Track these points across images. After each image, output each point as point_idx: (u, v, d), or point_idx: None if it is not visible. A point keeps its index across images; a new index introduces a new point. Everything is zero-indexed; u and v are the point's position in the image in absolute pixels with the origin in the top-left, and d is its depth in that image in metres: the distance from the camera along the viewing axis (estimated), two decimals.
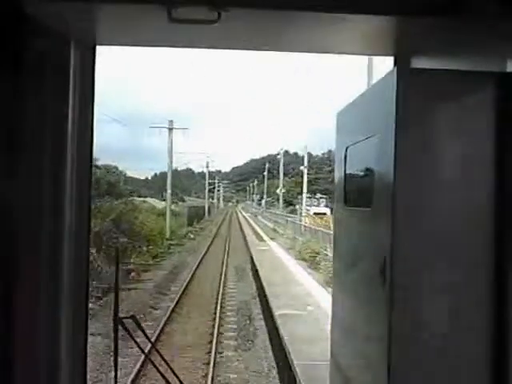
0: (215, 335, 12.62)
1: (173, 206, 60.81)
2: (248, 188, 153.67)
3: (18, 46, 2.59)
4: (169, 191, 41.17)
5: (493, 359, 2.76)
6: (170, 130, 39.30)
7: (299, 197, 78.87)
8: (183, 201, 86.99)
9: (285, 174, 74.56)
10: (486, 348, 2.77)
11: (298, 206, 73.98)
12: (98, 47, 3.00)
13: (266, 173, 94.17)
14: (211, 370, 10.18)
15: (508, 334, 2.70)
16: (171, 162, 40.62)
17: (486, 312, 2.76)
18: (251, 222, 69.71)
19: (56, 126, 2.83)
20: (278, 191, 62.91)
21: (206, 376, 9.99)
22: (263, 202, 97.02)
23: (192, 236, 41.21)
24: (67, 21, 2.81)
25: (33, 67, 2.67)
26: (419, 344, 2.79)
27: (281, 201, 66.38)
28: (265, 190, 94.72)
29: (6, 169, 2.59)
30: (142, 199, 54.22)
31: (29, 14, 2.57)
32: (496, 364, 2.76)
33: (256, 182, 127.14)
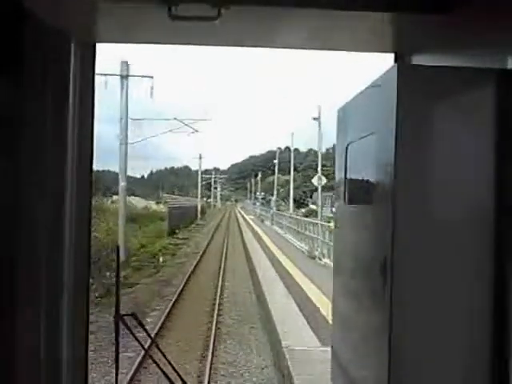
0: None
1: (161, 206, 51.89)
2: (249, 184, 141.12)
3: (18, 45, 2.65)
4: (122, 183, 26.31)
5: (494, 359, 2.83)
6: (124, 77, 26.42)
7: (314, 194, 64.71)
8: (163, 200, 59.66)
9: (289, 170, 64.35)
10: (488, 348, 2.84)
11: (314, 206, 59.73)
12: (97, 45, 3.10)
13: (276, 160, 71.71)
14: None
15: (509, 333, 2.76)
16: (126, 131, 26.14)
17: (488, 312, 2.83)
18: (258, 231, 40.62)
19: (56, 124, 2.89)
20: (314, 181, 37.21)
21: None
22: (272, 201, 67.42)
23: (162, 261, 23.59)
24: (67, 19, 2.89)
25: (33, 65, 2.73)
26: (419, 343, 2.86)
27: (319, 197, 39.34)
28: (275, 184, 71.88)
29: (6, 168, 2.65)
30: (112, 198, 43.51)
31: (29, 12, 2.64)
32: (497, 364, 2.82)
33: (260, 176, 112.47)
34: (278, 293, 13.13)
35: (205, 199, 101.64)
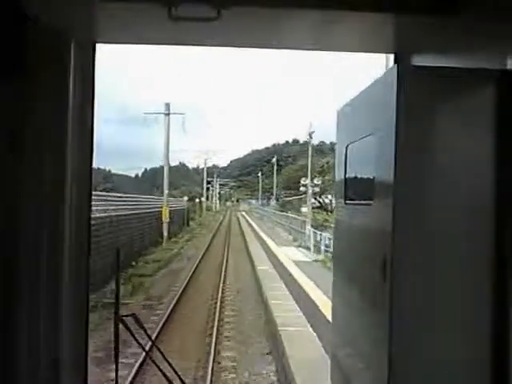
0: None
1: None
2: (260, 175, 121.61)
3: (18, 45, 2.90)
4: None
5: (494, 358, 3.12)
6: None
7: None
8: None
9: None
10: (488, 347, 3.12)
11: None
12: (97, 45, 3.38)
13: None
14: None
15: (509, 332, 3.05)
16: None
17: (488, 310, 3.12)
18: None
19: (56, 125, 3.13)
20: None
21: None
22: None
23: None
24: (67, 19, 3.15)
25: (33, 65, 2.97)
26: (420, 342, 3.16)
27: None
28: None
29: (6, 168, 2.89)
30: None
31: (29, 12, 2.88)
32: (497, 364, 3.11)
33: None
34: None
35: (184, 199, 71.92)
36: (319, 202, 59.21)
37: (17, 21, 2.87)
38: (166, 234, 38.32)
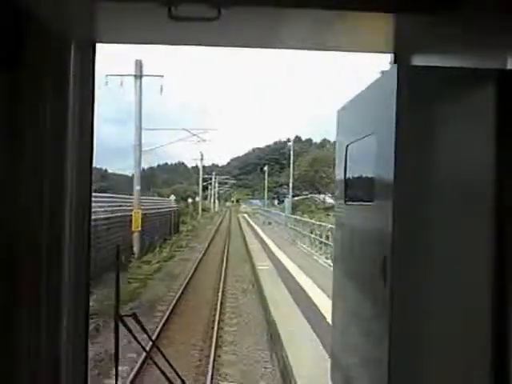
0: None
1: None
2: (265, 171, 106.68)
3: (18, 45, 2.95)
4: None
5: (494, 358, 3.17)
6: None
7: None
8: None
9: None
10: (488, 347, 3.18)
11: None
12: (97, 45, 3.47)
13: None
14: None
15: (509, 333, 3.11)
16: None
17: (488, 310, 3.18)
18: None
19: (56, 125, 3.21)
20: None
21: None
22: None
23: None
24: (67, 19, 3.23)
25: (33, 65, 3.04)
26: (420, 343, 3.23)
27: None
28: None
29: (6, 169, 2.93)
30: None
31: (28, 13, 2.95)
32: (497, 364, 3.16)
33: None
34: None
35: (176, 198, 65.42)
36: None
37: (17, 21, 2.93)
38: (136, 249, 28.54)
